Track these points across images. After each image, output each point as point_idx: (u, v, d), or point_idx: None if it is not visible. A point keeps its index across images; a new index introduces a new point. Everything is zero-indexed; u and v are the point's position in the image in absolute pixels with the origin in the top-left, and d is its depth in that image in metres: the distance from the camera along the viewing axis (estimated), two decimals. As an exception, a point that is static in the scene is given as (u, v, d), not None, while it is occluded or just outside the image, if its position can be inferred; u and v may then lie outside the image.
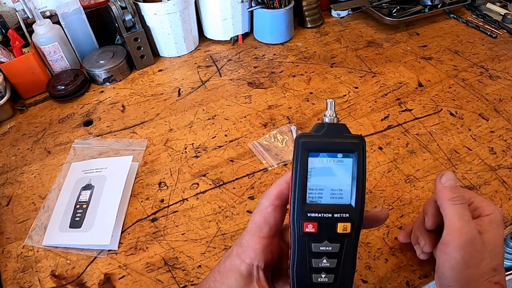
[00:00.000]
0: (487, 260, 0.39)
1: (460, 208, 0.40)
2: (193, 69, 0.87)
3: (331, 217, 0.31)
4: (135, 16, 0.81)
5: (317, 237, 0.32)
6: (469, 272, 0.39)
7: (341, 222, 0.31)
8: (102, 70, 0.82)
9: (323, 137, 0.32)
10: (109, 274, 0.51)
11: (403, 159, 0.63)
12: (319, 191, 0.32)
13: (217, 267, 0.36)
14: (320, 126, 0.33)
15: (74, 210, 0.58)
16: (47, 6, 0.85)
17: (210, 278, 0.35)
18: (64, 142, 0.71)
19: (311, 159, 0.31)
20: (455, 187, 0.42)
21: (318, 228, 0.32)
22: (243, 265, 0.33)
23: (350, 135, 0.33)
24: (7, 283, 0.51)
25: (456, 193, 0.41)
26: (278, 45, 0.92)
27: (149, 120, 0.74)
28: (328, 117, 0.33)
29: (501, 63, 0.81)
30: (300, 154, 0.31)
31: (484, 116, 0.69)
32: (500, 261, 0.40)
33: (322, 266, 0.32)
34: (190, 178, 0.62)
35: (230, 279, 0.34)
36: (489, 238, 0.39)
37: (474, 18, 0.97)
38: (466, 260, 0.39)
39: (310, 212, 0.31)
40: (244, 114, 0.74)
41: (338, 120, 0.34)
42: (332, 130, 0.32)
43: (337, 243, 0.32)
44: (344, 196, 0.32)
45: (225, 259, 0.35)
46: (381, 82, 0.79)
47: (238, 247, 0.35)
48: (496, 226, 0.41)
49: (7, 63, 0.76)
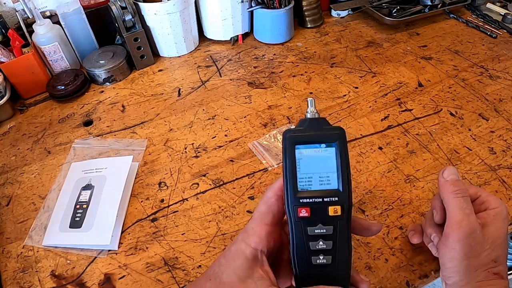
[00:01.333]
0: (487, 251, 0.40)
1: (461, 201, 0.41)
2: (193, 69, 0.87)
3: (321, 201, 0.35)
4: (135, 16, 0.81)
5: (311, 221, 0.35)
6: (468, 263, 0.40)
7: (332, 206, 0.35)
8: (102, 70, 0.82)
9: (307, 130, 0.36)
10: (109, 274, 0.51)
11: (403, 159, 0.63)
12: (308, 179, 0.35)
13: (222, 254, 0.38)
14: (303, 121, 0.37)
15: (74, 210, 0.58)
16: (47, 6, 0.85)
17: (215, 264, 0.37)
18: (64, 142, 0.71)
19: (298, 150, 0.35)
20: (457, 181, 0.43)
21: (311, 212, 0.35)
22: (248, 249, 0.36)
23: (331, 127, 0.36)
24: (7, 283, 0.51)
25: (457, 187, 0.42)
26: (278, 45, 0.92)
27: (149, 120, 0.74)
28: (310, 113, 0.37)
29: (501, 63, 0.81)
30: (287, 147, 0.35)
31: (484, 116, 0.69)
32: (501, 253, 0.40)
33: (319, 248, 0.35)
34: (190, 178, 0.62)
35: (236, 262, 0.36)
36: (492, 231, 0.40)
37: (474, 18, 0.97)
38: (465, 252, 0.40)
39: (302, 198, 0.35)
40: (244, 114, 0.74)
41: (319, 115, 0.37)
42: (314, 124, 0.36)
43: (330, 225, 0.35)
44: (331, 182, 0.35)
45: (230, 246, 0.38)
46: (381, 82, 0.79)
47: (243, 233, 0.37)
48: (501, 219, 0.42)
49: (7, 63, 0.76)
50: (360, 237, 0.52)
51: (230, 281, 0.35)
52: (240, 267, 0.35)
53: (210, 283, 0.36)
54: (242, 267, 0.35)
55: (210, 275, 0.37)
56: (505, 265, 0.41)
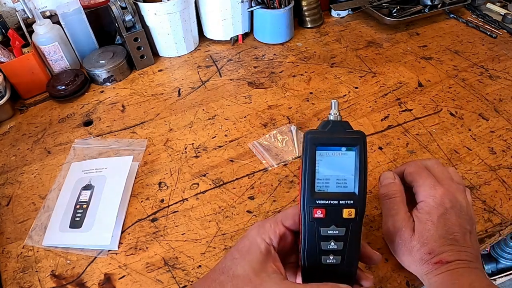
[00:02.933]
0: (416, 247, 0.42)
1: (387, 203, 0.46)
2: (193, 69, 0.87)
3: (337, 203, 0.36)
4: (135, 16, 0.81)
5: (325, 222, 0.36)
6: (406, 259, 0.44)
7: (346, 208, 0.36)
8: (102, 70, 0.82)
9: (329, 133, 0.36)
10: (109, 274, 0.51)
11: (403, 159, 0.63)
12: (326, 181, 0.36)
13: (234, 248, 0.39)
14: (326, 123, 0.37)
15: (74, 210, 0.58)
16: (47, 6, 0.85)
17: (228, 258, 0.38)
18: (64, 142, 0.71)
19: (319, 152, 0.36)
20: (388, 184, 0.48)
21: (326, 213, 0.36)
22: (263, 244, 0.37)
23: (352, 131, 0.37)
24: (7, 283, 0.51)
25: (385, 189, 0.47)
26: (278, 45, 0.92)
27: (149, 120, 0.74)
28: (333, 115, 0.38)
29: (501, 63, 0.81)
30: (309, 148, 0.36)
31: (484, 116, 0.69)
32: (434, 244, 0.41)
33: (330, 248, 0.36)
34: (190, 178, 0.62)
35: (251, 255, 0.37)
36: (418, 226, 0.43)
37: (474, 18, 0.97)
38: (396, 251, 0.45)
39: (319, 199, 0.36)
40: (244, 114, 0.74)
41: (341, 118, 0.38)
42: (336, 127, 0.37)
43: (343, 227, 0.36)
44: (348, 185, 0.36)
45: (243, 240, 0.39)
46: (381, 82, 0.79)
47: (259, 229, 0.39)
48: (425, 212, 0.43)
49: (7, 63, 0.76)
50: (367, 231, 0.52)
51: (245, 274, 0.35)
52: (255, 260, 0.36)
53: (223, 276, 0.36)
54: (257, 261, 0.36)
55: (222, 268, 0.37)
56: (445, 253, 0.41)
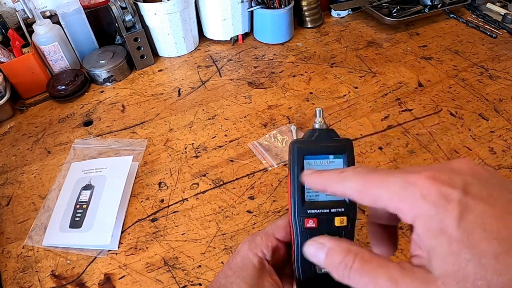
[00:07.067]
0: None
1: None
2: (193, 69, 0.87)
3: (328, 212, 0.35)
4: (135, 16, 0.81)
5: (317, 231, 0.35)
6: None
7: (338, 216, 0.35)
8: (102, 70, 0.82)
9: (316, 141, 0.36)
10: (109, 274, 0.51)
11: (403, 159, 0.63)
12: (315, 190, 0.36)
13: (226, 266, 0.37)
14: (312, 132, 0.37)
15: (74, 210, 0.58)
16: (47, 6, 0.85)
17: (220, 276, 0.37)
18: (64, 142, 0.71)
19: (307, 161, 0.35)
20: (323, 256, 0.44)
21: (318, 223, 0.35)
22: (255, 259, 0.36)
23: (339, 139, 0.37)
24: (7, 283, 0.51)
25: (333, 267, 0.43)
26: (278, 45, 0.92)
27: (149, 120, 0.74)
28: (318, 124, 0.38)
29: (501, 63, 0.81)
30: (296, 157, 0.35)
31: (484, 116, 0.69)
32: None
33: None
34: (190, 178, 0.62)
35: (245, 271, 0.35)
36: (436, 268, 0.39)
37: (474, 18, 0.97)
38: None
39: (310, 209, 0.35)
40: (244, 114, 0.74)
41: (327, 126, 0.38)
42: (323, 135, 0.37)
43: (335, 235, 0.35)
44: None
45: (235, 256, 0.37)
46: (381, 82, 0.79)
47: (250, 243, 0.37)
48: (431, 234, 0.38)
49: (7, 63, 0.76)
50: (360, 237, 0.52)
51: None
52: (249, 276, 0.35)
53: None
54: (252, 277, 0.35)
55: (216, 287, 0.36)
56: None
